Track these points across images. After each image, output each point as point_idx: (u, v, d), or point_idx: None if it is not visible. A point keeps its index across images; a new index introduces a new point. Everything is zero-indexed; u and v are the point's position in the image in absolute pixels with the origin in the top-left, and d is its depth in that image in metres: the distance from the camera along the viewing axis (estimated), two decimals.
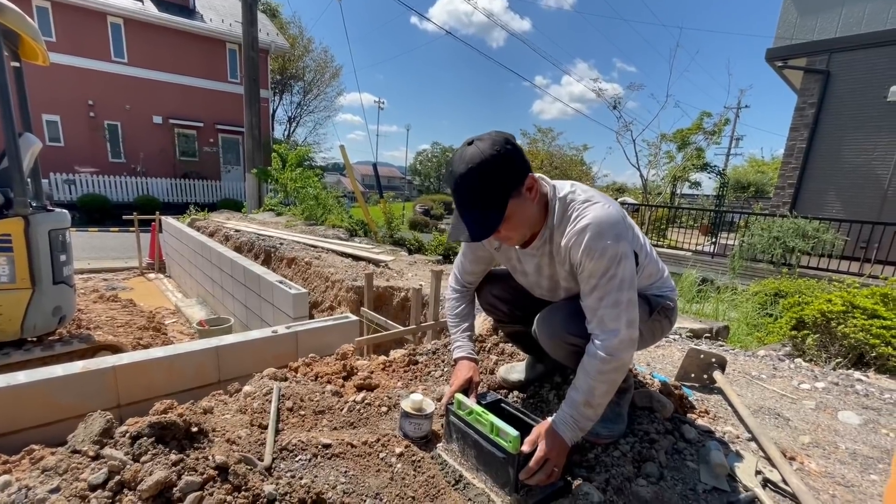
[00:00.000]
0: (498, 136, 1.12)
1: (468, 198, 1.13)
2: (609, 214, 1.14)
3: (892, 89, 8.02)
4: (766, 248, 7.84)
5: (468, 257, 1.54)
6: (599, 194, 1.23)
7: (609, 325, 1.12)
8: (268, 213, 8.86)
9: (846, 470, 1.36)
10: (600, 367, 1.13)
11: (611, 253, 1.10)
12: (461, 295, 1.62)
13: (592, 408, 1.16)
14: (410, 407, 1.37)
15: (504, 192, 1.12)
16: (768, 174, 23.66)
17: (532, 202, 1.18)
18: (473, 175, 1.09)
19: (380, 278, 4.01)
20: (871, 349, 2.46)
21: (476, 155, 1.09)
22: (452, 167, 1.13)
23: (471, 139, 1.14)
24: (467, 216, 1.14)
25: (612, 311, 1.12)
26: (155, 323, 4.73)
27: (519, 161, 1.13)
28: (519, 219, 1.17)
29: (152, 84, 16.37)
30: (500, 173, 1.10)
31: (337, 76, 28.82)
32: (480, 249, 1.48)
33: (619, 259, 1.11)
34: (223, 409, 1.54)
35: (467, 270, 1.57)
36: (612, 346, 1.12)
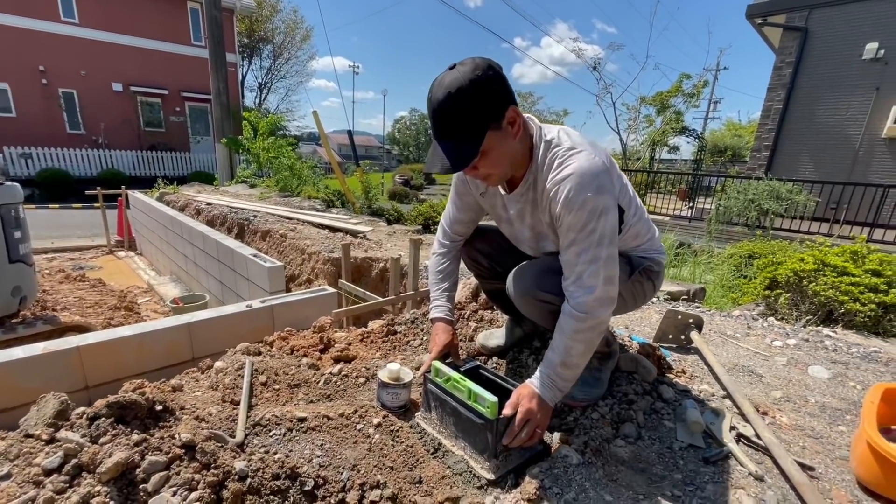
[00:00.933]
0: (481, 62, 1.04)
1: (445, 126, 1.06)
2: (593, 165, 1.07)
3: (867, 47, 8.07)
4: (742, 210, 8.00)
5: (456, 204, 1.47)
6: (588, 142, 1.15)
7: (587, 281, 1.09)
8: (241, 186, 8.54)
9: (815, 422, 1.40)
10: (576, 325, 1.11)
11: (591, 206, 1.05)
12: (447, 250, 1.54)
13: (570, 368, 1.14)
14: (388, 377, 1.33)
15: (482, 121, 1.04)
16: (745, 138, 23.95)
17: (514, 138, 1.11)
18: (451, 102, 1.02)
19: (358, 249, 3.93)
20: (840, 306, 2.54)
21: (455, 80, 1.01)
22: (431, 93, 1.05)
23: (453, 64, 1.06)
24: (443, 146, 1.08)
25: (590, 267, 1.08)
26: (127, 302, 4.57)
27: (501, 90, 1.05)
28: (499, 154, 1.10)
29: (108, 47, 15.23)
30: (480, 101, 1.02)
31: (308, 38, 27.42)
32: (467, 195, 1.42)
33: (599, 213, 1.06)
34: (194, 387, 1.48)
35: (455, 219, 1.49)
36: (587, 303, 1.09)
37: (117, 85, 15.65)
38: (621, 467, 1.17)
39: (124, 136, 15.88)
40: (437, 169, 1.07)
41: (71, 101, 15.09)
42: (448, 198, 1.53)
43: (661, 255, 1.39)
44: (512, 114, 1.07)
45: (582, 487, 1.06)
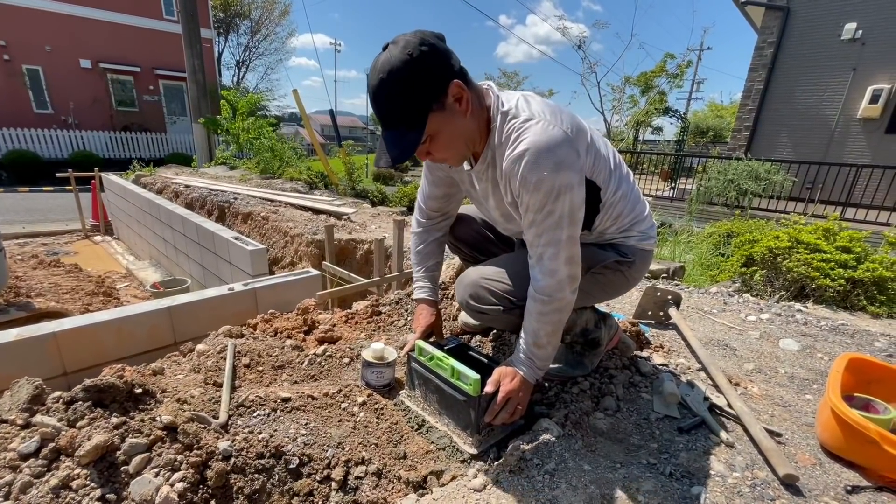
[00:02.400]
0: (412, 38, 0.94)
1: (384, 113, 0.98)
2: (550, 138, 0.96)
3: (845, 27, 8.15)
4: (722, 190, 8.14)
5: (428, 179, 1.38)
6: (551, 109, 1.04)
7: (547, 264, 1.06)
8: (220, 167, 8.32)
9: (784, 392, 1.47)
10: (541, 308, 1.10)
11: (547, 186, 0.97)
12: (424, 229, 1.47)
13: (542, 348, 1.14)
14: (372, 356, 1.34)
15: (421, 104, 0.95)
16: (726, 119, 24.21)
17: (464, 115, 1.01)
18: (384, 87, 0.93)
19: (342, 231, 3.89)
20: (812, 281, 2.63)
21: (386, 62, 0.92)
22: (368, 79, 0.97)
23: (386, 43, 0.96)
24: (387, 136, 0.99)
25: (549, 249, 1.04)
26: (105, 288, 4.47)
27: (438, 65, 0.95)
28: (448, 135, 1.02)
29: (74, 21, 14.43)
30: (414, 82, 0.93)
31: (286, 14, 26.47)
32: (438, 169, 1.33)
33: (557, 193, 0.97)
34: (175, 370, 1.47)
35: (429, 195, 1.40)
36: (550, 287, 1.07)
37: (85, 61, 14.90)
38: (600, 438, 1.21)
39: (96, 116, 15.22)
40: (382, 163, 1.00)
41: (36, 78, 14.33)
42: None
43: (644, 240, 1.27)
44: (456, 89, 0.97)
45: (562, 458, 1.10)
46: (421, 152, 1.05)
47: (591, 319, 1.37)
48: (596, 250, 1.25)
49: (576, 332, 1.35)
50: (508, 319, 1.22)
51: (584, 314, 1.35)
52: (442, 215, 1.45)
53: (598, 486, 1.02)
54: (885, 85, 7.95)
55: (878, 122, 8.19)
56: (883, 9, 7.81)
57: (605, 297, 1.38)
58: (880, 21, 7.86)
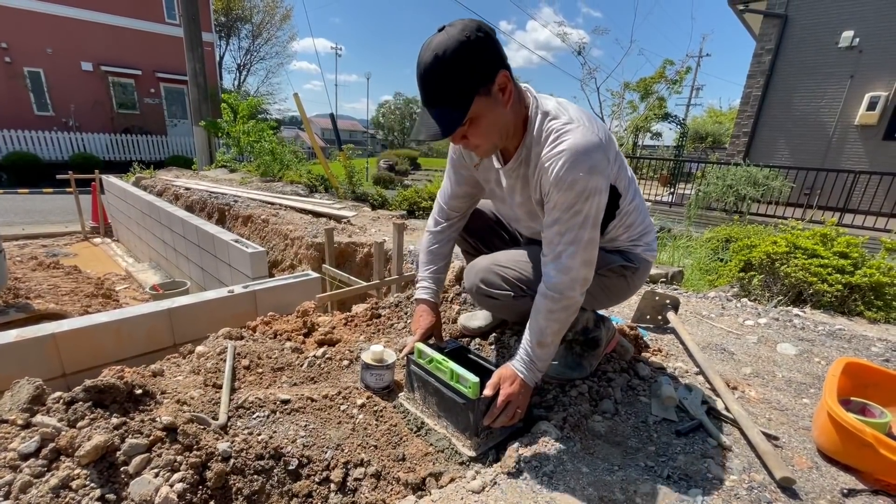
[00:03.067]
0: (470, 23, 0.98)
1: (431, 91, 1.01)
2: (588, 142, 1.02)
3: (843, 35, 8.22)
4: (721, 196, 8.17)
5: (451, 178, 1.39)
6: (587, 116, 1.09)
7: (565, 262, 1.09)
8: (220, 170, 8.34)
9: (781, 396, 1.47)
10: (550, 305, 1.12)
11: (580, 186, 1.01)
12: (440, 230, 1.47)
13: (545, 347, 1.16)
14: (371, 358, 1.35)
15: (470, 86, 0.99)
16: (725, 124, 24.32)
17: (505, 106, 1.05)
18: (437, 64, 0.97)
19: (342, 234, 3.90)
20: (809, 286, 2.64)
21: (442, 42, 0.96)
22: (419, 57, 1.00)
23: (442, 26, 1.00)
24: (430, 112, 1.02)
25: (570, 247, 1.07)
26: (104, 289, 4.47)
27: (491, 52, 0.99)
28: (488, 122, 1.05)
29: (76, 24, 14.49)
30: (467, 64, 0.97)
31: (288, 18, 26.60)
32: (462, 167, 1.36)
33: (587, 195, 1.03)
34: (175, 371, 1.47)
35: (451, 194, 1.41)
36: (563, 284, 1.09)
37: (87, 64, 14.96)
38: (598, 441, 1.22)
39: (96, 119, 15.25)
40: (422, 136, 1.02)
41: (38, 80, 14.38)
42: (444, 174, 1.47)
43: (647, 252, 1.32)
44: (503, 79, 1.02)
45: (560, 460, 1.10)
46: (458, 135, 1.07)
47: (591, 319, 1.40)
48: (604, 253, 1.28)
49: (577, 329, 1.37)
50: (516, 307, 1.24)
51: (586, 313, 1.37)
52: (461, 216, 1.48)
53: (595, 488, 1.03)
54: (882, 92, 8.01)
55: (876, 129, 8.24)
56: (880, 17, 7.88)
57: (608, 303, 1.40)
58: (878, 29, 7.93)
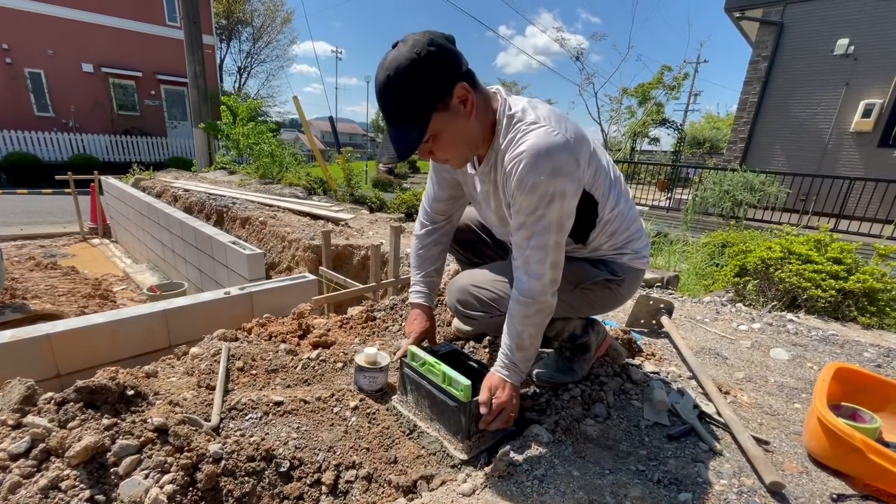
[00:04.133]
0: (421, 37, 0.95)
1: (389, 111, 0.99)
2: (551, 143, 0.97)
3: (838, 43, 8.28)
4: (717, 201, 8.20)
5: (433, 181, 1.37)
6: (556, 116, 1.05)
7: (534, 267, 1.07)
8: (219, 172, 8.35)
9: (773, 400, 1.48)
10: (524, 311, 1.11)
11: (542, 190, 0.98)
12: (426, 232, 1.44)
13: (524, 350, 1.15)
14: (365, 361, 1.35)
15: (425, 102, 0.96)
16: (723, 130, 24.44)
17: (467, 117, 1.02)
18: (390, 84, 0.94)
19: (339, 237, 3.91)
20: (803, 292, 2.65)
21: (393, 60, 0.94)
22: (375, 76, 0.98)
23: (396, 41, 0.98)
24: (391, 133, 1.00)
25: (538, 252, 1.05)
26: (102, 290, 4.46)
27: (446, 67, 0.96)
28: (451, 136, 1.03)
29: (77, 26, 14.53)
30: (419, 81, 0.94)
31: (288, 21, 26.72)
32: (444, 170, 1.32)
33: (549, 198, 0.99)
34: (169, 372, 1.47)
35: (435, 197, 1.38)
36: (534, 289, 1.08)
37: (87, 66, 14.98)
38: (590, 445, 1.22)
39: (97, 120, 15.27)
40: (384, 158, 1.01)
41: (38, 81, 14.40)
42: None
43: (635, 259, 1.28)
44: (462, 91, 0.98)
45: (551, 464, 1.11)
46: (423, 151, 1.06)
47: (578, 325, 1.38)
48: (587, 266, 1.26)
49: (564, 337, 1.37)
50: (493, 325, 1.25)
51: (573, 321, 1.36)
52: (446, 219, 1.44)
53: (586, 491, 1.03)
54: (877, 100, 8.06)
55: (871, 136, 8.28)
56: (875, 25, 7.94)
57: (593, 313, 1.39)
58: (872, 37, 7.99)
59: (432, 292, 1.47)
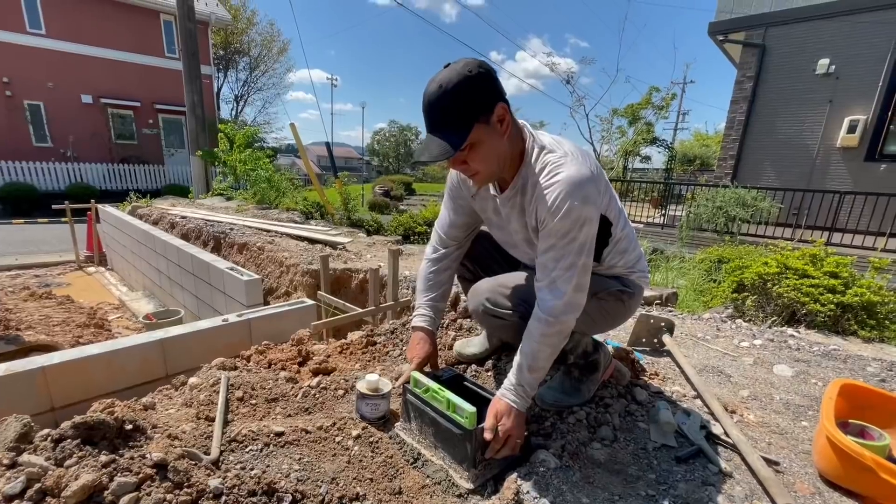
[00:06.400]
0: (472, 61, 1.09)
1: (435, 118, 1.09)
2: (581, 175, 1.09)
3: (819, 63, 8.55)
4: (711, 217, 8.29)
5: (449, 207, 1.44)
6: (580, 151, 1.17)
7: (560, 286, 1.13)
8: (217, 198, 8.39)
9: (780, 419, 1.46)
10: (544, 329, 1.14)
11: (575, 215, 1.08)
12: (438, 257, 1.50)
13: (536, 371, 1.18)
14: (366, 388, 1.33)
15: (470, 113, 1.07)
16: (712, 147, 24.92)
17: (502, 136, 1.12)
18: (441, 94, 1.06)
19: (337, 261, 3.91)
20: (802, 307, 2.65)
21: (446, 76, 1.06)
22: (426, 89, 1.09)
23: (448, 63, 1.11)
24: (433, 137, 1.10)
25: (566, 273, 1.12)
26: (97, 319, 4.41)
27: (490, 86, 1.09)
28: (486, 150, 1.12)
29: (77, 59, 14.82)
30: (468, 94, 1.06)
31: (285, 51, 27.35)
32: (460, 197, 1.40)
33: (582, 222, 1.09)
34: (167, 404, 1.44)
35: (449, 223, 1.45)
36: (557, 308, 1.13)
37: (87, 97, 15.22)
38: (598, 469, 1.20)
39: (94, 149, 15.40)
40: (425, 157, 1.09)
41: (37, 113, 14.59)
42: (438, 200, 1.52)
43: (641, 278, 1.37)
44: (501, 111, 1.10)
45: (559, 490, 1.08)
46: (457, 160, 1.14)
47: (589, 343, 1.42)
48: (602, 278, 1.33)
49: (578, 352, 1.38)
50: (520, 328, 1.25)
51: (585, 338, 1.39)
52: (458, 246, 1.51)
53: None
54: (860, 116, 8.27)
55: (857, 151, 8.46)
56: (852, 46, 8.23)
57: (605, 326, 1.42)
58: (851, 57, 8.26)
59: (437, 317, 1.50)
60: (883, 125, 8.11)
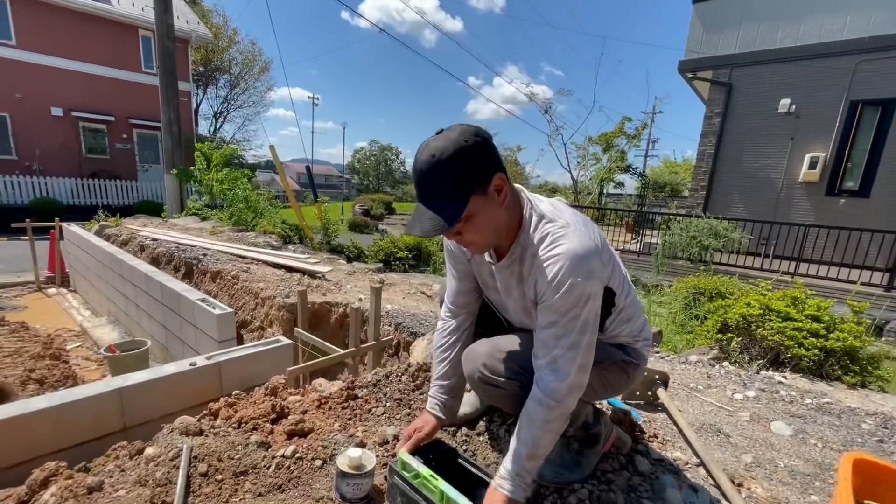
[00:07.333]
0: (467, 128, 1.03)
1: (428, 189, 1.02)
2: (585, 248, 1.02)
3: (781, 102, 9.04)
4: (685, 246, 8.50)
5: (452, 275, 1.37)
6: (582, 220, 1.10)
7: (562, 366, 1.04)
8: (191, 218, 8.09)
9: (788, 492, 1.40)
10: (547, 415, 1.05)
11: (579, 291, 1.00)
12: (449, 330, 1.40)
13: (535, 460, 1.08)
14: (348, 466, 1.20)
15: (466, 185, 1.00)
16: (680, 174, 25.95)
17: (500, 206, 1.06)
18: (434, 165, 0.99)
19: (316, 292, 3.75)
20: (787, 350, 2.66)
21: (440, 144, 0.99)
22: (416, 157, 1.02)
23: (440, 129, 1.04)
24: (426, 209, 1.02)
25: (568, 352, 1.03)
26: (53, 349, 4.09)
27: (487, 156, 1.02)
28: (483, 221, 1.05)
29: (49, 71, 14.33)
30: (465, 165, 0.99)
31: (266, 70, 27.22)
32: (460, 263, 1.33)
33: (586, 299, 1.01)
34: (118, 481, 1.27)
35: (455, 291, 1.38)
36: (560, 391, 1.04)
37: (57, 110, 14.67)
38: None
39: (63, 163, 14.76)
40: (416, 231, 1.01)
41: (3, 124, 13.96)
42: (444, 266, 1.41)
43: (645, 346, 1.29)
44: (499, 181, 1.04)
45: None
46: (453, 232, 1.06)
47: (590, 413, 1.32)
48: (606, 346, 1.24)
49: (578, 424, 1.29)
50: (521, 398, 1.14)
51: (586, 407, 1.30)
52: (468, 313, 1.41)
53: None
54: (820, 153, 8.72)
55: (818, 186, 8.89)
56: (811, 88, 8.76)
57: (606, 396, 1.34)
58: (810, 97, 8.76)
59: (451, 400, 1.39)
60: (841, 162, 8.57)
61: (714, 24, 9.87)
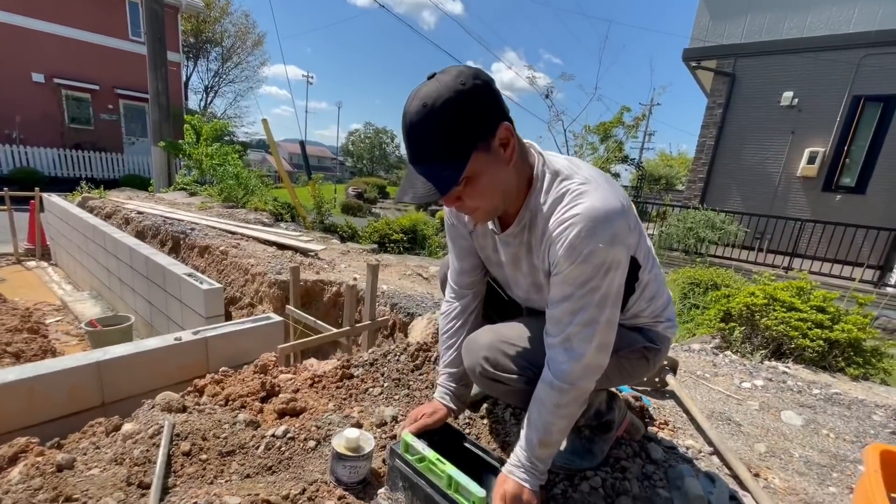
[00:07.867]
0: (466, 69, 0.84)
1: (420, 146, 0.85)
2: (609, 208, 0.85)
3: (783, 95, 8.96)
4: (682, 237, 8.47)
5: (453, 251, 1.22)
6: (605, 177, 0.94)
7: (576, 346, 0.90)
8: (179, 193, 7.85)
9: (806, 483, 1.34)
10: (558, 398, 0.92)
11: (599, 259, 0.85)
12: (454, 313, 1.26)
13: (549, 447, 0.97)
14: (345, 447, 1.11)
15: (466, 139, 0.83)
16: (675, 168, 25.95)
17: (506, 164, 0.89)
18: (427, 117, 0.81)
19: (308, 270, 3.63)
20: (790, 340, 2.61)
21: (433, 90, 0.81)
22: (405, 108, 0.84)
23: (433, 73, 0.86)
24: (419, 170, 0.86)
25: (584, 330, 0.89)
26: (31, 323, 3.93)
27: (490, 102, 0.85)
28: (487, 181, 0.88)
29: (28, 34, 13.68)
30: (463, 115, 0.82)
31: (260, 44, 26.43)
32: (460, 238, 1.17)
33: (607, 268, 0.86)
34: (92, 458, 1.17)
35: (458, 270, 1.23)
36: (574, 373, 0.91)
37: (38, 76, 14.07)
38: None
39: (44, 132, 14.24)
40: (408, 197, 0.85)
41: None
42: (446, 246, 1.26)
43: (669, 328, 1.15)
44: (505, 132, 0.86)
45: None
46: (451, 197, 0.89)
47: (604, 400, 1.22)
48: (625, 332, 1.08)
49: (590, 413, 1.19)
50: (527, 393, 1.02)
51: (599, 394, 1.19)
52: (473, 294, 1.26)
53: None
54: (819, 148, 8.70)
55: (816, 181, 8.88)
56: (815, 82, 8.67)
57: (622, 383, 1.22)
58: (813, 92, 8.69)
59: (461, 390, 1.25)
60: (840, 157, 8.55)
61: (721, 11, 9.70)
